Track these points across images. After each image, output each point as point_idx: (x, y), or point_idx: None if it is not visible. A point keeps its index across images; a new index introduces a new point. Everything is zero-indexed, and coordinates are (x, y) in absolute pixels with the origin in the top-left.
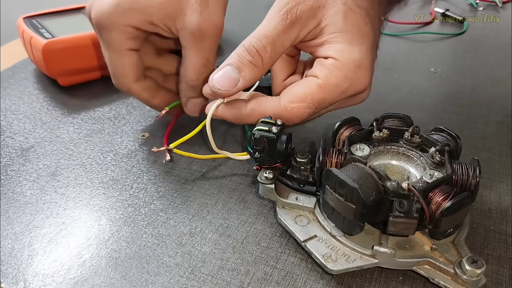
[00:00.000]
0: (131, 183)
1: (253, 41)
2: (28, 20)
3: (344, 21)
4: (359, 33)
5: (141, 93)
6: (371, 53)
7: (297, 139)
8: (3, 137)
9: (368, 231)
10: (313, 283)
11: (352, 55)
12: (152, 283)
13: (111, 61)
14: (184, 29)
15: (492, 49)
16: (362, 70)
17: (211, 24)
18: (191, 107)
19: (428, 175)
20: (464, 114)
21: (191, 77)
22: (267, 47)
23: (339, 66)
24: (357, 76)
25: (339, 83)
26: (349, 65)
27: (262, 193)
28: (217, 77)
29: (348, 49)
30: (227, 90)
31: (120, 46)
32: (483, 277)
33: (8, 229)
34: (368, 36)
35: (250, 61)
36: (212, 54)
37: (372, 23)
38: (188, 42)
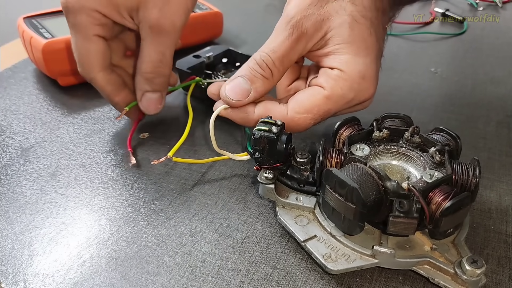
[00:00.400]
0: (131, 183)
1: (263, 56)
2: (28, 20)
3: (349, 32)
4: (364, 44)
5: (105, 85)
6: (376, 64)
7: (297, 139)
8: (3, 137)
9: (368, 231)
10: (313, 283)
11: (357, 66)
12: (152, 283)
13: (77, 46)
14: (143, 21)
15: (492, 49)
16: (367, 81)
17: (169, 21)
18: (146, 102)
19: (428, 175)
20: (464, 114)
21: (146, 69)
22: (276, 62)
23: (344, 78)
24: (362, 87)
25: (344, 94)
26: (354, 76)
27: (262, 193)
28: (230, 87)
29: (353, 60)
30: (239, 100)
31: (87, 31)
32: (483, 277)
33: (8, 229)
34: (373, 46)
35: (262, 74)
36: (169, 50)
37: (376, 33)
38: (146, 35)
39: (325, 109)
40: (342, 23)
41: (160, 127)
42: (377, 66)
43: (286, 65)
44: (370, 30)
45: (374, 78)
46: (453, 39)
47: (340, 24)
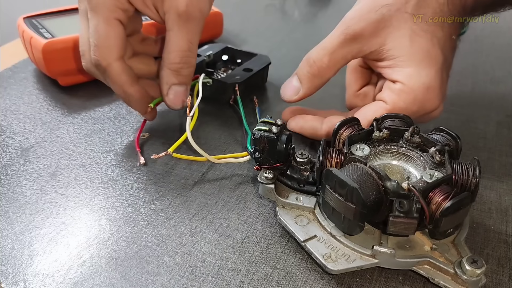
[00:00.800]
0: (131, 183)
1: (312, 53)
2: (28, 20)
3: (410, 44)
4: (428, 56)
5: (120, 74)
6: (441, 74)
7: (297, 139)
8: (3, 137)
9: (368, 231)
10: (313, 283)
11: (420, 79)
12: (152, 283)
13: (97, 29)
14: (171, 10)
15: (492, 49)
16: (431, 92)
17: (197, 8)
18: (173, 96)
19: (428, 175)
20: (464, 114)
21: (174, 59)
22: (324, 58)
23: (407, 91)
24: (427, 98)
25: (408, 107)
26: (418, 88)
27: (262, 193)
28: (284, 86)
29: (416, 73)
30: (289, 97)
31: (110, 13)
32: (483, 277)
33: (8, 229)
34: (437, 57)
35: (309, 71)
36: (196, 38)
37: (440, 44)
38: (173, 24)
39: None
40: (403, 34)
41: (160, 126)
42: (442, 77)
43: (338, 62)
44: (432, 41)
45: (439, 89)
46: None
47: (401, 35)
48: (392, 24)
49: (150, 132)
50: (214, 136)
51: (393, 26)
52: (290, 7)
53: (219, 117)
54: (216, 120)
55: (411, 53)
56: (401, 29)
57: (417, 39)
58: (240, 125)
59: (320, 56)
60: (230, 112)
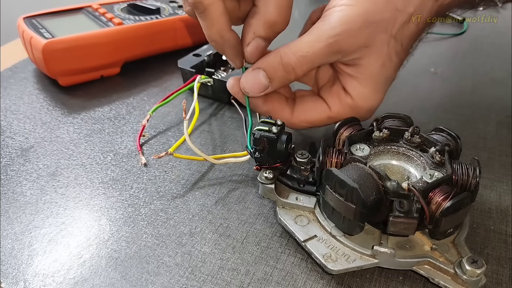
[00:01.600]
0: (131, 183)
1: (291, 59)
2: (28, 20)
3: (380, 69)
4: (386, 83)
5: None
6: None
7: (297, 139)
8: (3, 137)
9: (368, 231)
10: (313, 283)
11: (370, 102)
12: (152, 283)
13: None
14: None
15: (492, 49)
16: (372, 111)
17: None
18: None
19: (428, 175)
20: (464, 114)
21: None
22: (304, 66)
23: (353, 107)
24: (367, 116)
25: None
26: (364, 108)
27: (262, 193)
28: (249, 80)
29: (369, 96)
30: (256, 94)
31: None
32: (483, 277)
33: (8, 229)
34: (391, 80)
35: (283, 75)
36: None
37: (398, 66)
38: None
39: (324, 124)
40: (377, 58)
41: (160, 127)
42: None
43: (313, 67)
44: (396, 68)
45: (377, 108)
46: (453, 39)
47: (376, 58)
48: (375, 44)
49: (150, 132)
50: (214, 136)
51: (375, 47)
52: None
53: (219, 117)
54: (216, 120)
55: (376, 77)
56: (380, 52)
57: (387, 65)
58: (240, 125)
59: (299, 64)
60: (231, 112)
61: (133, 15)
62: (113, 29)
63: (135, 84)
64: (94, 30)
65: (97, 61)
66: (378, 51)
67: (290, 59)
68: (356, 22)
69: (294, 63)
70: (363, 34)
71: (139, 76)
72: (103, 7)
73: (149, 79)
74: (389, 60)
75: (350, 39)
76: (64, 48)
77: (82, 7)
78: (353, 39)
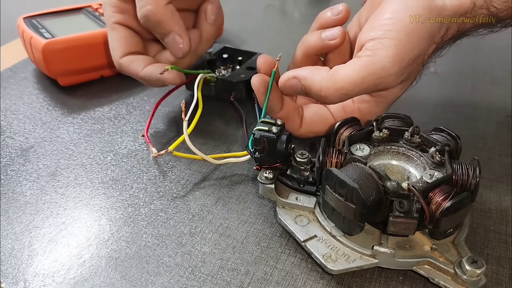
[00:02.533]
0: (131, 183)
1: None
2: (28, 20)
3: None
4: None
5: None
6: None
7: (297, 139)
8: (3, 137)
9: (368, 231)
10: (313, 283)
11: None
12: (152, 283)
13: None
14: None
15: (492, 49)
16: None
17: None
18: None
19: (428, 175)
20: (464, 114)
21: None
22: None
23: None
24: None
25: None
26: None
27: (262, 193)
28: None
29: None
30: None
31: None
32: (483, 277)
33: (8, 229)
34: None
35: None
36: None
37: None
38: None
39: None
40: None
41: (161, 127)
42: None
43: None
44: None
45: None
46: None
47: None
48: (411, 77)
49: (150, 132)
50: (214, 136)
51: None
52: (290, 8)
53: (219, 116)
54: (217, 120)
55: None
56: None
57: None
58: (240, 125)
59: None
60: (231, 112)
61: None
62: None
63: (135, 84)
64: (94, 30)
65: (97, 61)
66: (410, 82)
67: (330, 94)
68: (406, 60)
69: (332, 97)
70: (407, 71)
71: None
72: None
73: None
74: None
75: (397, 78)
76: (64, 48)
77: (82, 7)
78: (400, 77)
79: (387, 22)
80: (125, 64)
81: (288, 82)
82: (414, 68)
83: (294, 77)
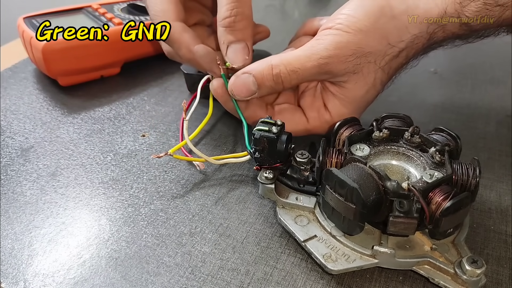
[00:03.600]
0: (131, 183)
1: (282, 72)
2: (28, 20)
3: (363, 95)
4: (365, 106)
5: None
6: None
7: (297, 139)
8: (3, 137)
9: (368, 231)
10: (313, 283)
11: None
12: (152, 283)
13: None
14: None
15: (492, 49)
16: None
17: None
18: (231, 54)
19: (428, 175)
20: (464, 114)
21: (225, 14)
22: (293, 81)
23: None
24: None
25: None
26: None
27: (262, 193)
28: (237, 84)
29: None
30: (242, 97)
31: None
32: (483, 277)
33: (8, 229)
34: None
35: (271, 85)
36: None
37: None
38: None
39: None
40: (364, 85)
41: (160, 126)
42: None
43: (300, 83)
44: (378, 94)
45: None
46: None
47: (362, 85)
48: (363, 73)
49: (150, 132)
50: (214, 136)
51: (362, 75)
52: (290, 7)
53: (219, 117)
54: (217, 120)
55: (358, 102)
56: (366, 80)
57: (370, 92)
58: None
59: (289, 78)
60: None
61: (133, 15)
62: (113, 29)
63: (135, 84)
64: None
65: (97, 61)
66: (365, 79)
67: (281, 71)
68: (348, 49)
69: (284, 76)
70: (353, 62)
71: (139, 76)
72: (103, 7)
73: (149, 79)
74: (373, 88)
75: (340, 64)
76: (64, 48)
77: (82, 7)
78: (343, 65)
79: (341, 16)
80: (178, 30)
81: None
82: (364, 63)
83: (243, 73)
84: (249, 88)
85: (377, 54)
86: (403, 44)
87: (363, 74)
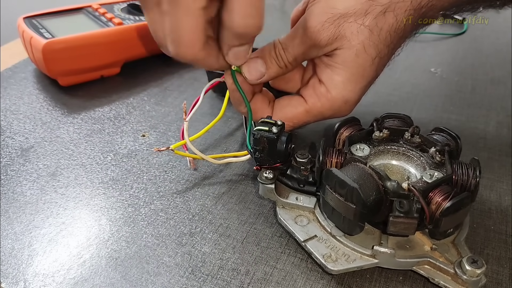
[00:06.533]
0: (131, 183)
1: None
2: (28, 20)
3: (354, 58)
4: (362, 74)
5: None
6: (364, 91)
7: (297, 139)
8: (3, 137)
9: (368, 231)
10: (313, 283)
11: (343, 92)
12: (152, 283)
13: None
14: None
15: (492, 49)
16: (348, 105)
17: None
18: (233, 56)
19: (428, 175)
20: (464, 114)
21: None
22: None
23: (328, 98)
24: (342, 109)
25: (323, 112)
26: (338, 99)
27: (262, 193)
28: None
29: (342, 85)
30: (255, 81)
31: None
32: (483, 277)
33: (8, 229)
34: (369, 75)
35: (278, 64)
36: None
37: (379, 64)
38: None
39: (303, 121)
40: (350, 47)
41: (160, 126)
42: (363, 92)
43: (297, 63)
44: (373, 61)
45: (356, 102)
46: (453, 39)
47: (349, 47)
48: (345, 35)
49: (150, 132)
50: (214, 136)
51: (345, 37)
52: (290, 7)
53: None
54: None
55: (349, 66)
56: (352, 41)
57: (362, 55)
58: (240, 125)
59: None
60: (231, 112)
61: (133, 15)
62: (113, 29)
63: (135, 84)
64: (94, 30)
65: (97, 61)
66: (350, 41)
67: (280, 50)
68: (323, 15)
69: (285, 60)
70: (332, 26)
71: (139, 76)
72: (103, 7)
73: (149, 79)
74: (363, 51)
75: (319, 33)
76: (64, 48)
77: (82, 7)
78: (324, 33)
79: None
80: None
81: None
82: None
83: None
84: (258, 69)
85: (357, 13)
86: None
87: (347, 36)
